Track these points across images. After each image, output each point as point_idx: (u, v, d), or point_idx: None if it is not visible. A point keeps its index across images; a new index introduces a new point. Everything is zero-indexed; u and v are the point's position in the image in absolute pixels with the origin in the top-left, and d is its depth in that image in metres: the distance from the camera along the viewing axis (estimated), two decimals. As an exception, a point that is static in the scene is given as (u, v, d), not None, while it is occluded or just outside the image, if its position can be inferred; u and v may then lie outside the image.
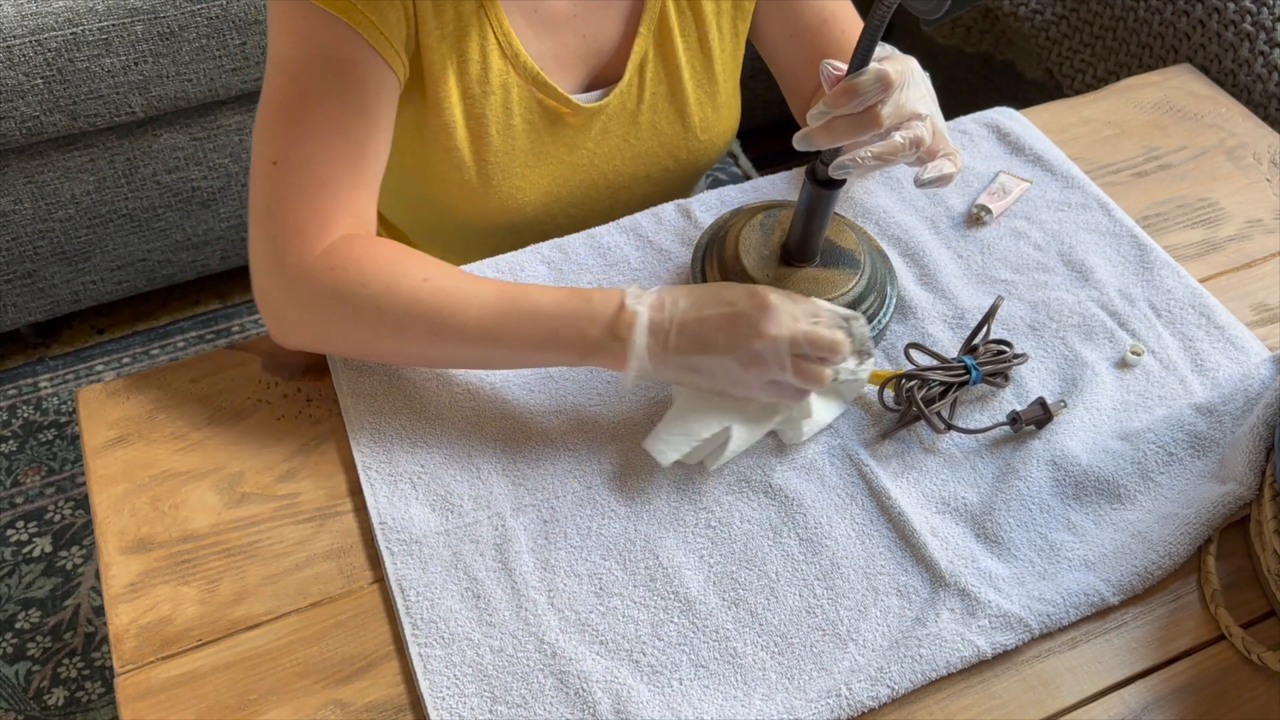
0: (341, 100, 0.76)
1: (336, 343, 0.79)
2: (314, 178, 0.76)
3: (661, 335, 0.72)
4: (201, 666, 0.68)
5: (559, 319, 0.74)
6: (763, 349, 0.70)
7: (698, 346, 0.72)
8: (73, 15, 1.39)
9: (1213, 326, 0.88)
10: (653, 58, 0.91)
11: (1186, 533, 0.74)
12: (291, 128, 0.75)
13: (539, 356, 0.76)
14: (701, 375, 0.73)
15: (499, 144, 0.87)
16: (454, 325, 0.74)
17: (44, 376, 1.73)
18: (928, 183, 0.76)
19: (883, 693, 0.67)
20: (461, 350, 0.76)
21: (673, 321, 0.72)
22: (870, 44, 0.68)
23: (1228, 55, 1.20)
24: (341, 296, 0.74)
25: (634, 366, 0.72)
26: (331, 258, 0.75)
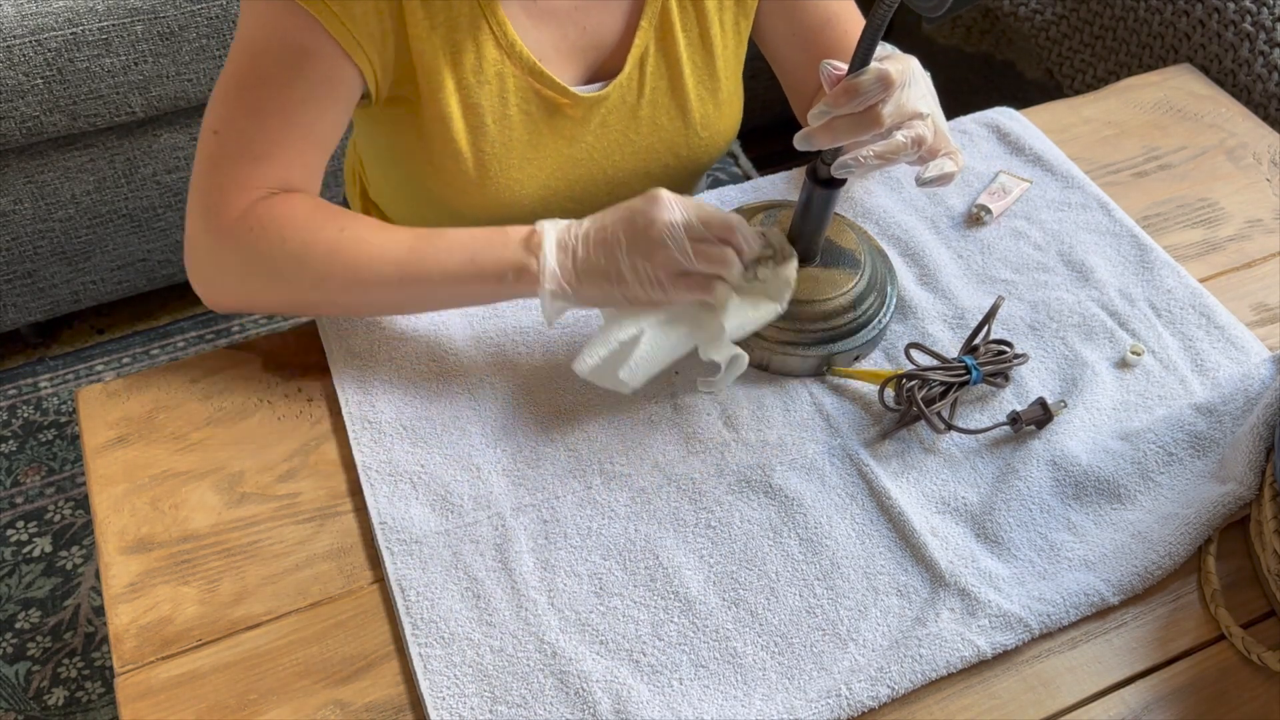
0: (291, 86, 0.78)
1: (263, 301, 0.81)
2: (249, 153, 0.78)
3: (569, 249, 0.76)
4: (201, 666, 0.68)
5: (474, 248, 0.77)
6: (660, 233, 0.73)
7: (603, 251, 0.75)
8: (73, 15, 1.39)
9: (1213, 326, 0.88)
10: (654, 52, 0.91)
11: (1186, 533, 0.74)
12: (238, 103, 0.78)
13: (459, 290, 0.78)
14: (614, 285, 0.75)
15: (496, 134, 0.87)
16: (374, 269, 0.77)
17: (44, 376, 1.73)
18: (929, 181, 0.77)
19: (883, 693, 0.67)
20: (384, 294, 0.78)
21: (577, 235, 0.76)
22: (871, 43, 0.68)
23: (1228, 55, 1.20)
24: (262, 255, 0.77)
25: (547, 282, 0.75)
26: (249, 219, 0.78)
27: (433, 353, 0.83)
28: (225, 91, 0.79)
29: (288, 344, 0.85)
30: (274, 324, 1.82)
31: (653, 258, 0.73)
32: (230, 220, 0.78)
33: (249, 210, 0.78)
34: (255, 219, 0.78)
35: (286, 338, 0.85)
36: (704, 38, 0.92)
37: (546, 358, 0.84)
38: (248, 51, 0.78)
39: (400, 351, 0.83)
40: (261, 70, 0.78)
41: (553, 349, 0.84)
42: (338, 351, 0.83)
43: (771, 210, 0.88)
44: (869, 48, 0.68)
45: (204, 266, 0.81)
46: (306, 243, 0.77)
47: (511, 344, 0.84)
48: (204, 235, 0.79)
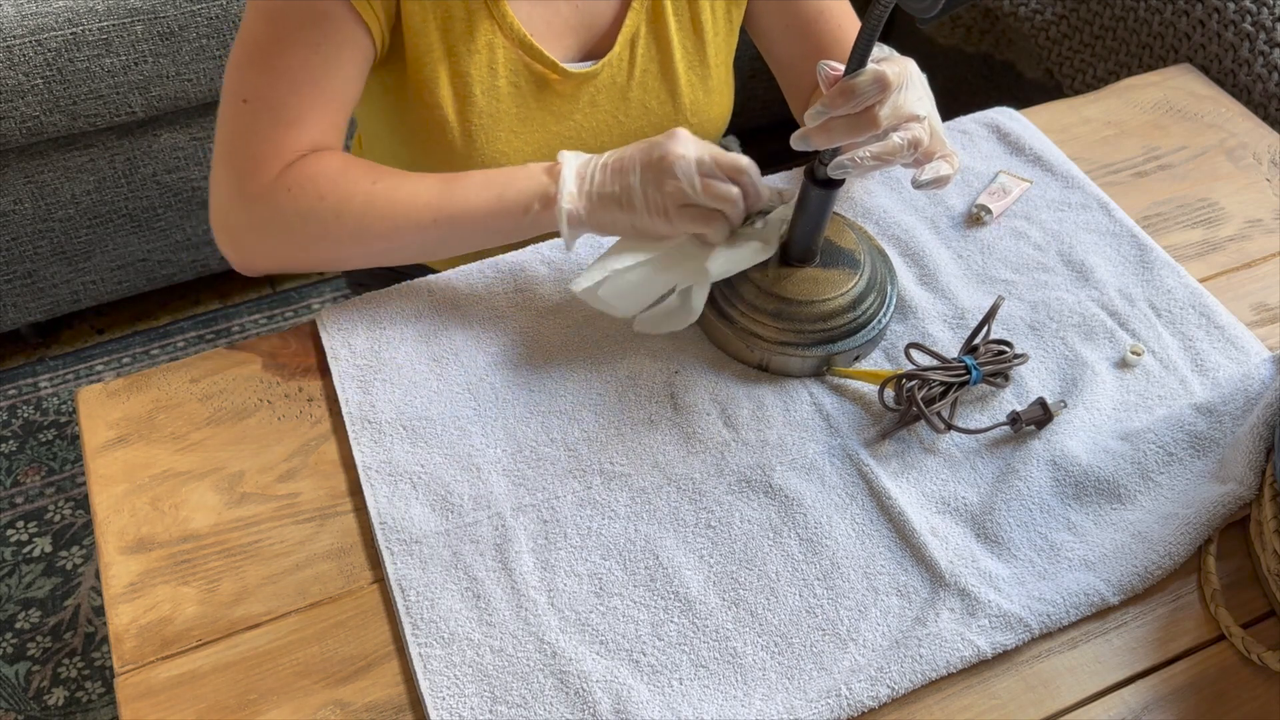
0: (316, 49, 0.80)
1: (303, 259, 0.84)
2: (282, 119, 0.81)
3: (587, 176, 0.79)
4: (201, 666, 0.68)
5: (501, 183, 0.81)
6: (673, 164, 0.76)
7: (618, 178, 0.78)
8: (73, 15, 1.39)
9: (1213, 326, 0.88)
10: (644, 34, 0.92)
11: (1186, 533, 0.74)
12: (265, 70, 0.80)
13: (491, 224, 0.81)
14: (624, 210, 0.78)
15: (483, 104, 0.88)
16: (409, 216, 0.81)
17: (44, 376, 1.73)
18: (925, 184, 0.77)
19: (883, 693, 0.67)
20: (420, 237, 0.82)
21: (596, 164, 0.80)
22: (868, 44, 0.68)
23: (1228, 55, 1.20)
24: (302, 215, 0.80)
25: (565, 201, 0.78)
26: (286, 179, 0.80)
27: (433, 353, 0.84)
28: (249, 58, 0.80)
29: (288, 344, 0.85)
30: (274, 324, 1.82)
31: (662, 186, 0.76)
32: (266, 185, 0.80)
33: (283, 173, 0.81)
34: (291, 181, 0.80)
35: (286, 338, 0.86)
36: (695, 23, 0.93)
37: (547, 358, 0.84)
38: (268, 17, 0.80)
39: (400, 351, 0.83)
40: (282, 36, 0.79)
41: (553, 349, 0.84)
42: (338, 351, 0.83)
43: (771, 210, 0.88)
44: (865, 48, 0.68)
45: (238, 232, 0.83)
46: (343, 198, 0.80)
47: (512, 344, 0.84)
48: (238, 202, 0.81)
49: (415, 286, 0.88)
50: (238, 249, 0.84)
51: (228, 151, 0.82)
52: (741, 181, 0.78)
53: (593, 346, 0.84)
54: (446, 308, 0.86)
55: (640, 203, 0.78)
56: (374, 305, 0.86)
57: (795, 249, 0.83)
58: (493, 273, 0.89)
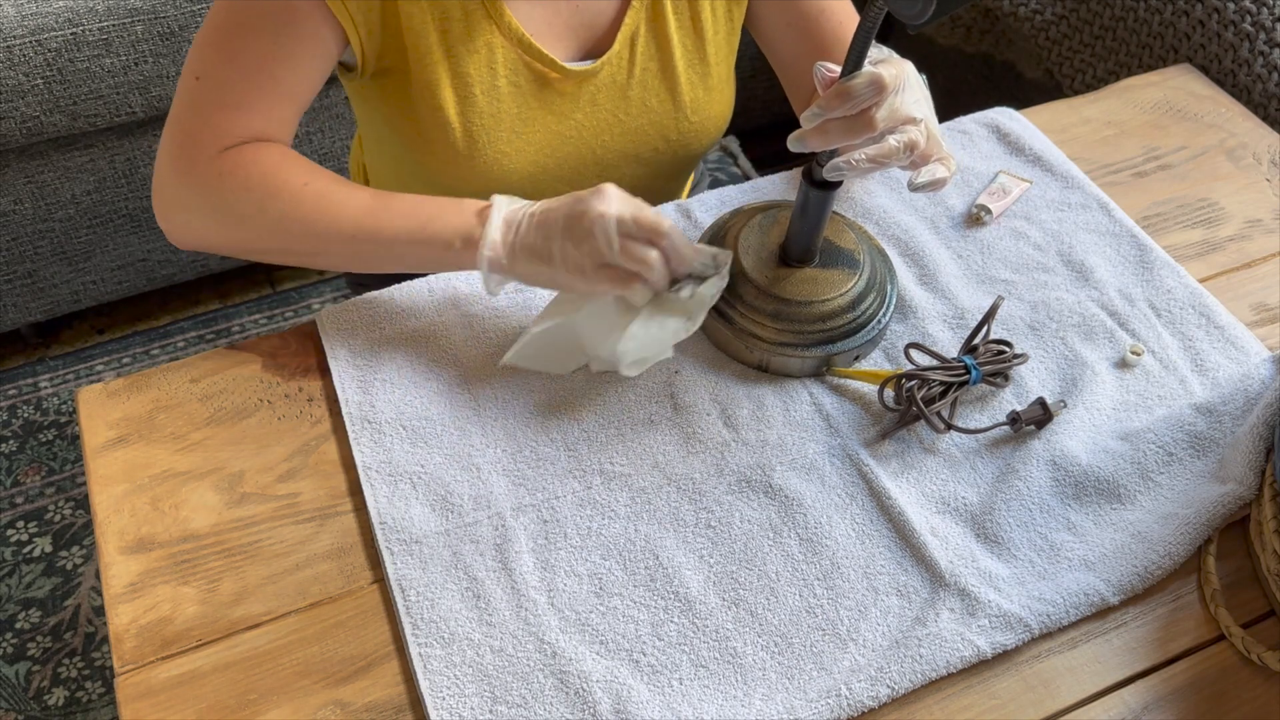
0: (275, 39, 0.80)
1: (223, 243, 0.84)
2: (228, 102, 0.81)
3: (514, 225, 0.78)
4: (201, 666, 0.68)
5: (428, 213, 0.80)
6: (591, 223, 0.74)
7: (541, 231, 0.77)
8: (73, 15, 1.39)
9: (1213, 326, 0.88)
10: (644, 33, 0.92)
11: (1186, 533, 0.74)
12: (220, 50, 0.81)
13: (410, 252, 0.81)
14: (544, 264, 0.77)
15: (484, 105, 0.88)
16: (330, 224, 0.80)
17: (44, 376, 1.73)
18: (921, 187, 0.77)
19: (883, 693, 0.67)
20: (339, 248, 0.81)
21: (524, 214, 0.78)
22: (863, 46, 0.68)
23: (1228, 55, 1.21)
24: (227, 200, 0.81)
25: (486, 249, 0.77)
26: (221, 163, 0.81)
27: (433, 353, 0.84)
28: (208, 38, 0.81)
29: (288, 344, 0.85)
30: (274, 324, 1.82)
31: (580, 245, 0.75)
32: (201, 164, 0.81)
33: (219, 156, 0.81)
34: (225, 165, 0.81)
35: (286, 338, 0.86)
36: (695, 22, 0.93)
37: (546, 358, 0.84)
38: (232, 3, 0.80)
39: (400, 351, 0.83)
40: (245, 21, 0.80)
41: (553, 349, 0.84)
42: (338, 351, 0.83)
43: (771, 210, 0.88)
44: (861, 51, 0.68)
45: (169, 204, 0.84)
46: (270, 192, 0.80)
47: (511, 344, 0.84)
48: (172, 175, 0.82)
49: (415, 286, 0.88)
50: (166, 220, 0.85)
51: (172, 124, 0.83)
52: (660, 245, 0.76)
53: (593, 346, 0.84)
54: (446, 308, 0.86)
55: (559, 259, 0.76)
56: (374, 305, 0.86)
57: (795, 249, 0.83)
58: (493, 273, 0.89)
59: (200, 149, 0.81)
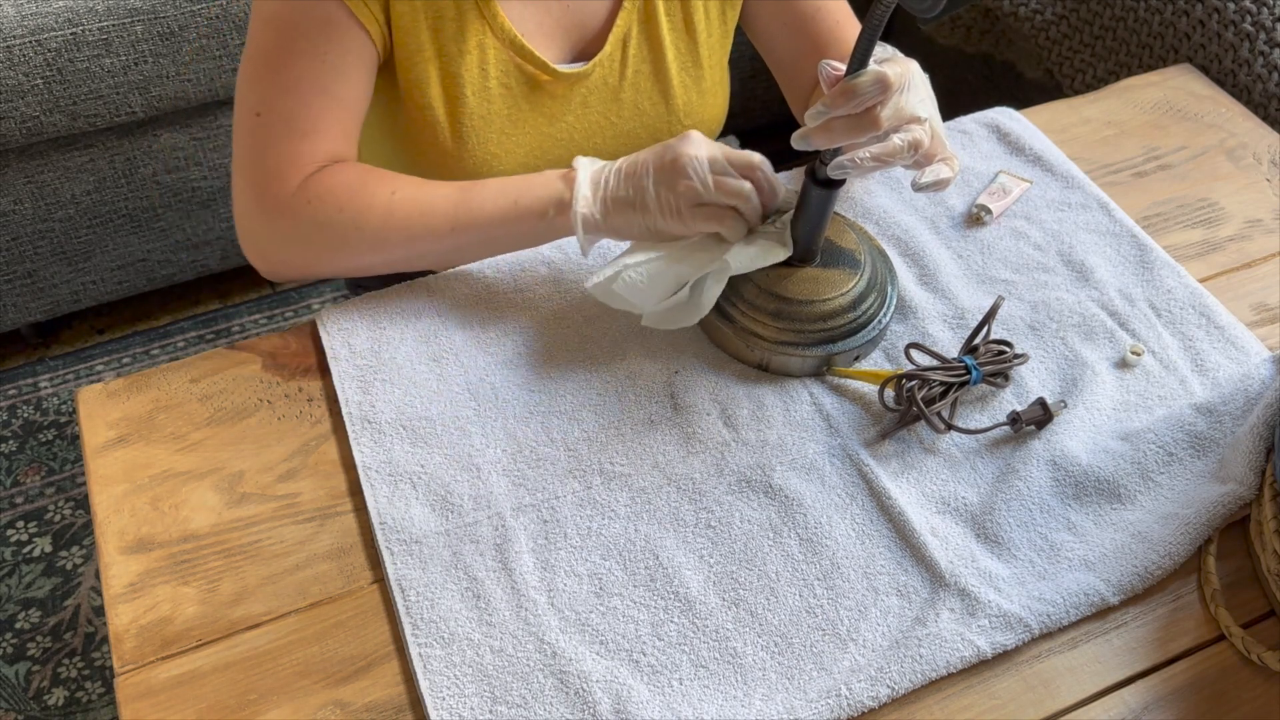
0: (323, 59, 0.81)
1: (324, 267, 0.86)
2: (295, 130, 0.82)
3: (601, 182, 0.80)
4: (201, 666, 0.68)
5: (516, 190, 0.82)
6: (684, 164, 0.77)
7: (631, 181, 0.79)
8: (73, 15, 1.39)
9: (1213, 326, 0.88)
10: (636, 34, 0.92)
11: (1186, 533, 0.74)
12: (274, 81, 0.81)
13: (507, 230, 0.83)
14: (638, 213, 0.79)
15: (475, 106, 0.88)
16: (426, 224, 0.82)
17: (44, 376, 1.73)
18: (924, 187, 0.77)
19: (883, 693, 0.67)
20: (437, 245, 0.84)
21: (611, 169, 0.81)
22: (869, 44, 0.68)
23: (1228, 55, 1.20)
24: (321, 226, 0.82)
25: (579, 206, 0.79)
26: (306, 191, 0.82)
27: (433, 353, 0.84)
28: (258, 71, 0.82)
29: (288, 344, 0.85)
30: (274, 324, 1.82)
31: (675, 187, 0.77)
32: (285, 198, 0.82)
33: (303, 185, 0.82)
34: (311, 193, 0.82)
35: (286, 338, 0.86)
36: (688, 24, 0.93)
37: (547, 358, 0.84)
38: (273, 29, 0.81)
39: (400, 351, 0.83)
40: (292, 46, 0.81)
41: (553, 350, 0.84)
42: (338, 351, 0.83)
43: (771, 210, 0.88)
44: (867, 49, 0.68)
45: (261, 243, 0.85)
46: (361, 209, 0.82)
47: (512, 344, 0.84)
48: (260, 215, 0.83)
49: (415, 286, 0.88)
50: (263, 258, 0.86)
51: (246, 165, 0.83)
52: (754, 177, 0.78)
53: (593, 346, 0.84)
54: (446, 308, 0.86)
55: (654, 204, 0.78)
56: (374, 305, 0.86)
57: (796, 249, 0.83)
58: (493, 273, 0.89)
59: (283, 184, 0.82)
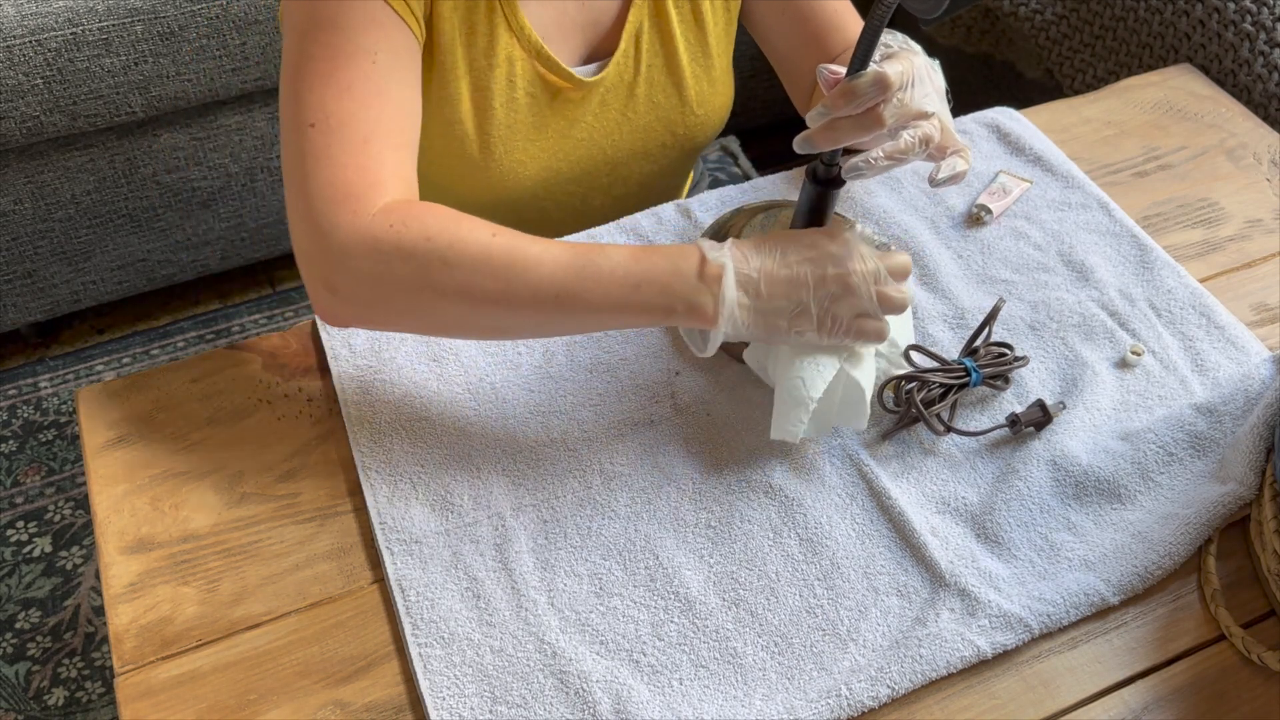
0: (374, 59, 0.74)
1: (395, 310, 0.73)
2: (356, 135, 0.72)
3: (752, 287, 0.71)
4: (201, 666, 0.68)
5: (639, 274, 0.71)
6: (855, 282, 0.71)
7: (791, 292, 0.71)
8: (73, 15, 1.39)
9: (1213, 326, 0.88)
10: (648, 29, 0.92)
11: (1186, 533, 0.74)
12: (326, 87, 0.73)
13: (616, 318, 0.73)
14: (793, 323, 0.72)
15: (502, 117, 0.88)
16: (529, 282, 0.70)
17: (44, 376, 1.73)
18: (942, 182, 0.75)
19: (883, 693, 0.67)
20: (533, 313, 0.72)
21: (760, 272, 0.71)
22: (870, 44, 0.68)
23: (1228, 55, 1.20)
24: (405, 252, 0.69)
25: (725, 320, 0.71)
26: (390, 215, 0.71)
27: (433, 353, 0.84)
28: (306, 83, 0.74)
29: (288, 344, 0.85)
30: (274, 324, 1.82)
31: (841, 302, 0.71)
32: (364, 218, 0.70)
33: (388, 208, 0.71)
34: (397, 215, 0.71)
35: (286, 338, 0.86)
36: (696, 15, 0.93)
37: (547, 357, 0.84)
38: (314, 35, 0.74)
39: (400, 351, 0.83)
40: (339, 49, 0.74)
41: (553, 350, 0.84)
42: (338, 351, 0.83)
43: (771, 210, 0.88)
44: (868, 49, 0.68)
45: (325, 272, 0.72)
46: (454, 242, 0.70)
47: (512, 344, 0.84)
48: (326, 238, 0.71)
49: (415, 286, 0.88)
50: (326, 292, 0.72)
51: (304, 186, 0.72)
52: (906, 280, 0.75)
53: (593, 346, 0.84)
54: (446, 308, 0.86)
55: (816, 321, 0.72)
56: (374, 305, 0.86)
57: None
58: (493, 273, 0.89)
59: (354, 198, 0.71)
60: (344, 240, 0.70)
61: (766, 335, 0.73)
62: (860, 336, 0.73)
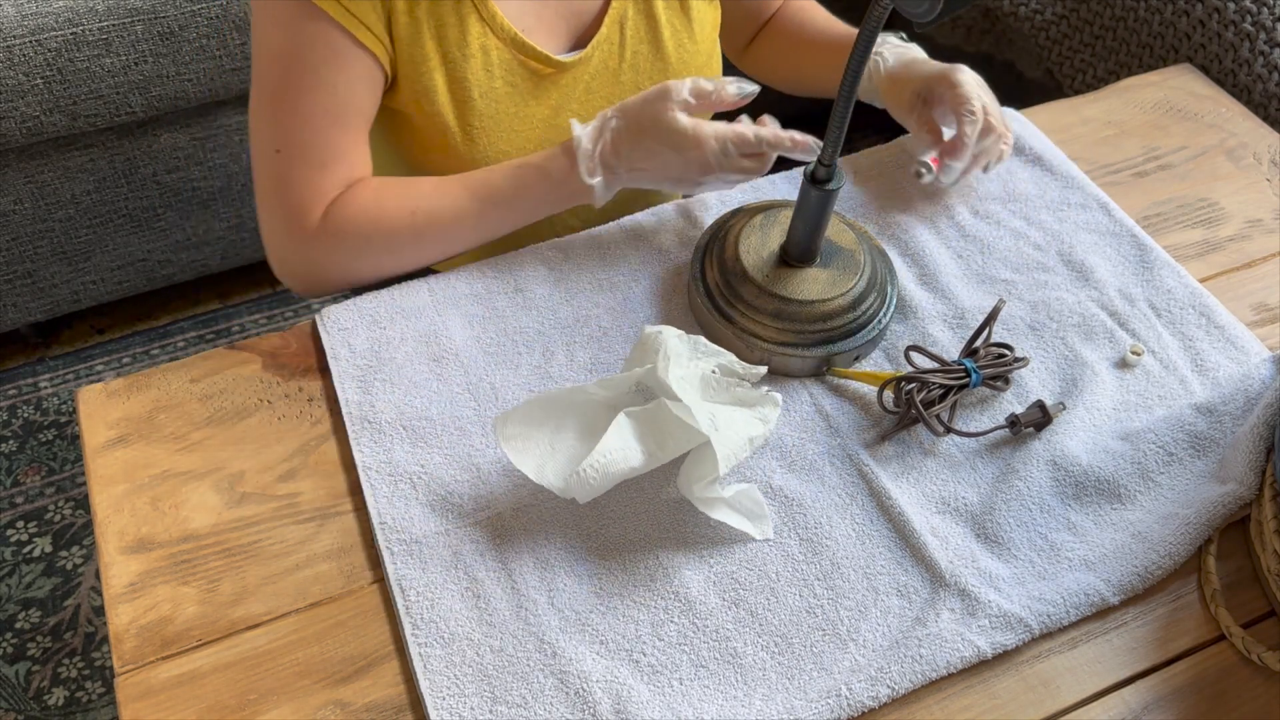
0: (333, 90, 0.83)
1: (367, 279, 0.90)
2: (314, 162, 0.84)
3: (601, 128, 0.84)
4: (201, 666, 0.68)
5: (519, 161, 0.87)
6: (669, 89, 0.83)
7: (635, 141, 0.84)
8: (73, 15, 1.39)
9: (1213, 326, 0.88)
10: (633, 15, 0.93)
11: (1186, 533, 0.74)
12: (289, 117, 0.83)
13: (524, 196, 0.87)
14: (647, 163, 0.84)
15: (482, 107, 0.89)
16: (454, 231, 0.87)
17: (44, 376, 1.73)
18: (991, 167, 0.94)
19: (883, 693, 0.67)
20: (468, 238, 0.88)
21: (609, 127, 0.84)
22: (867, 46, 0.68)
23: (1228, 55, 1.20)
24: (354, 252, 0.86)
25: (584, 167, 0.84)
26: (330, 224, 0.85)
27: (433, 353, 0.83)
28: (272, 110, 0.83)
29: (288, 344, 0.85)
30: (274, 324, 1.82)
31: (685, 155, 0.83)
32: (311, 230, 0.85)
33: (326, 217, 0.85)
34: (334, 225, 0.85)
35: (286, 338, 0.86)
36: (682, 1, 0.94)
37: (547, 357, 0.84)
38: (279, 63, 0.82)
39: (400, 351, 0.83)
40: (300, 81, 0.82)
41: (552, 348, 0.84)
42: (338, 351, 0.83)
43: (771, 210, 0.88)
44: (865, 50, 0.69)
45: (297, 270, 0.88)
46: (388, 233, 0.85)
47: (511, 344, 0.84)
48: (291, 247, 0.87)
49: (415, 286, 0.88)
50: (300, 282, 0.89)
51: (271, 201, 0.86)
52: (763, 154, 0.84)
53: (593, 346, 0.84)
54: (446, 308, 0.86)
55: (663, 168, 0.84)
56: (374, 305, 0.86)
57: (796, 249, 0.83)
58: (493, 273, 0.89)
59: (309, 215, 0.85)
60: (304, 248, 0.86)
61: (638, 157, 0.84)
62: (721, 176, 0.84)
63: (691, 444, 0.72)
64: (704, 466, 0.71)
